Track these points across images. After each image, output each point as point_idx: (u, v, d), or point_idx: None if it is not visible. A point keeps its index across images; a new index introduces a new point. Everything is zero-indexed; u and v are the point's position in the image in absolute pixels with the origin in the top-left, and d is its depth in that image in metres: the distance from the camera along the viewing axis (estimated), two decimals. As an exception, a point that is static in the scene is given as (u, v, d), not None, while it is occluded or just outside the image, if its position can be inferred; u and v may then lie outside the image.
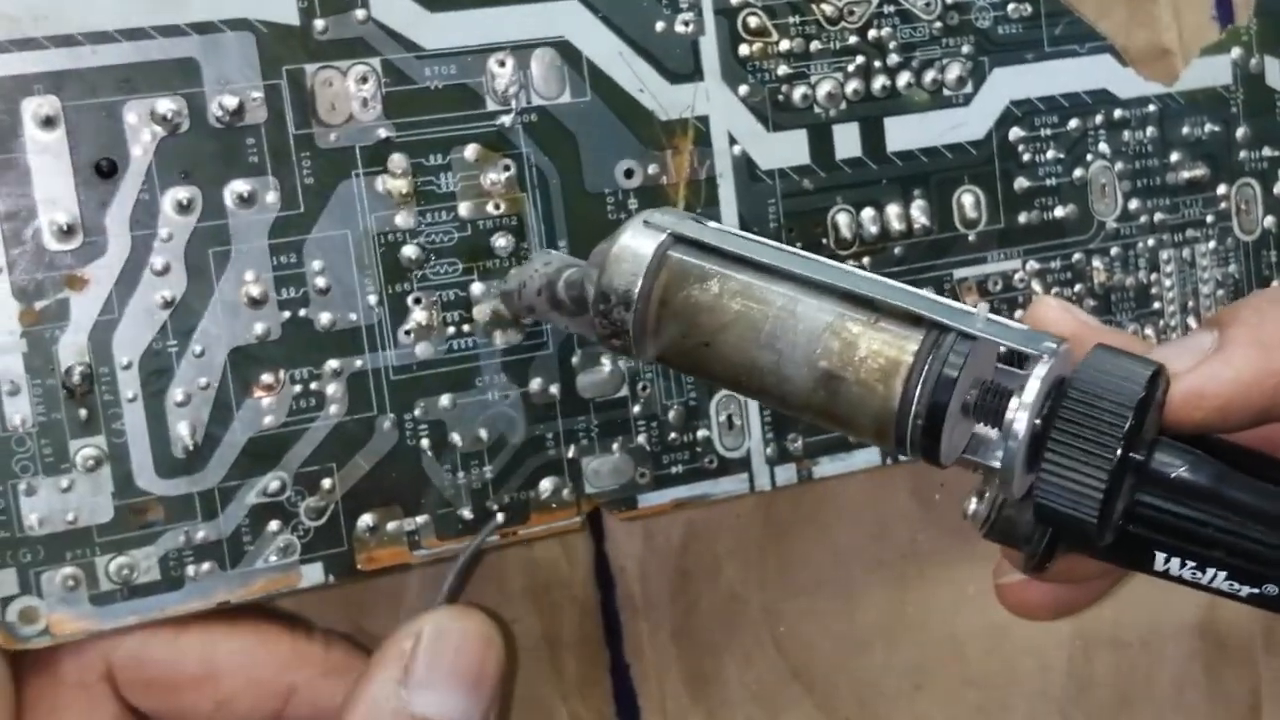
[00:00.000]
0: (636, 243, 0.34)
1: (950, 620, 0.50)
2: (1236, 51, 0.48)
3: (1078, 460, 0.31)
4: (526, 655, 0.45)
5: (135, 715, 0.39)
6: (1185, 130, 0.47)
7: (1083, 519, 0.31)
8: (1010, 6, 0.45)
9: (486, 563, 0.44)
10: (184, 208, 0.37)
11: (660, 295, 0.34)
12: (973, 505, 0.35)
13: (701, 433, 0.43)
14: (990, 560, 0.49)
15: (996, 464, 0.32)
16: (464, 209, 0.40)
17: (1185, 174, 0.47)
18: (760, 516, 0.47)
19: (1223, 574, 0.32)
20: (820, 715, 0.49)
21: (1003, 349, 0.33)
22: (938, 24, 0.44)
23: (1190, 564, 0.32)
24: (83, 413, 0.36)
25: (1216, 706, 0.53)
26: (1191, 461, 0.32)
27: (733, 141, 0.42)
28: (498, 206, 0.40)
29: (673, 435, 0.42)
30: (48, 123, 0.36)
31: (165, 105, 0.37)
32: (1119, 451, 0.30)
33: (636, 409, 0.42)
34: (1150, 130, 0.47)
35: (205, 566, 0.38)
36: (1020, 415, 0.31)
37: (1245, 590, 0.32)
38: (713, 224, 0.35)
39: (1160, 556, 0.33)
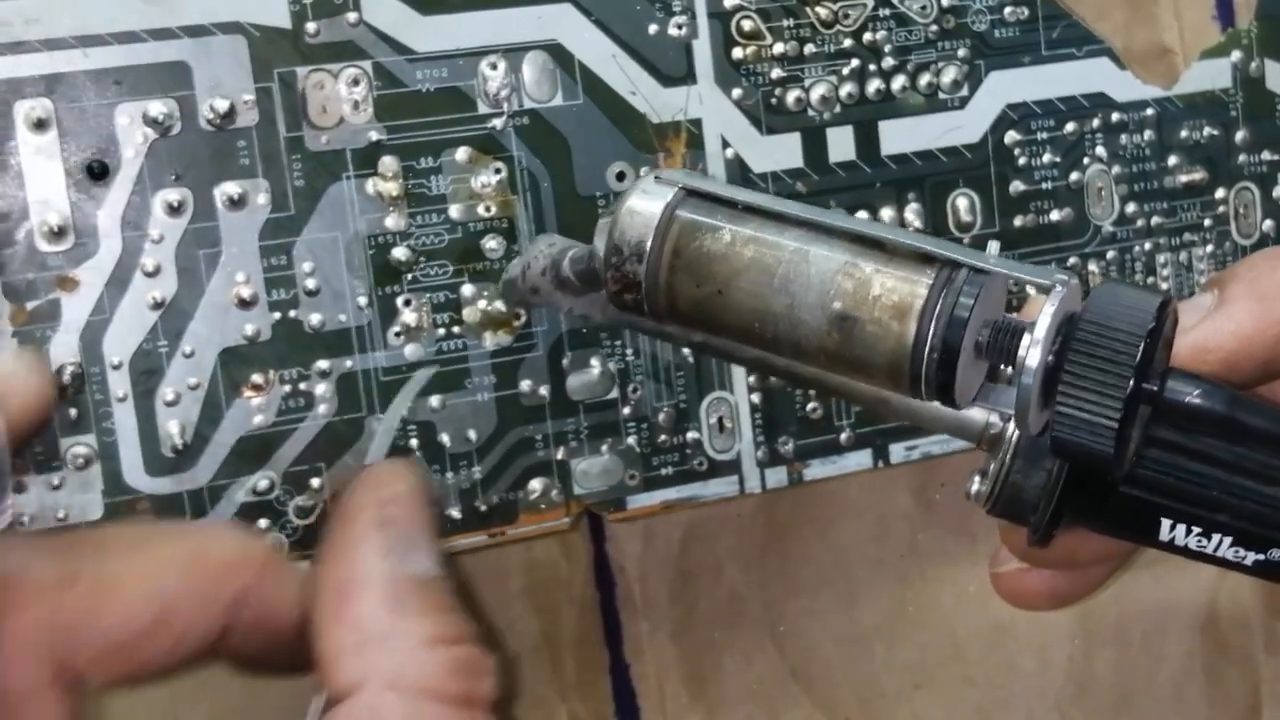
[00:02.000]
0: (648, 197, 0.34)
1: (950, 620, 0.50)
2: (1236, 55, 0.48)
3: (1092, 389, 0.30)
4: (526, 655, 0.45)
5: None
6: (1183, 134, 0.47)
7: (1100, 449, 0.31)
8: (1007, 10, 0.45)
9: (486, 563, 0.44)
10: (175, 209, 0.37)
11: (673, 246, 0.34)
12: (975, 484, 0.35)
13: (692, 435, 0.43)
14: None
15: (1009, 409, 0.32)
16: (455, 211, 0.40)
17: (1183, 178, 0.47)
18: (761, 517, 0.47)
19: (1228, 540, 0.32)
20: (820, 714, 0.49)
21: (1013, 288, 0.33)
22: (933, 27, 0.44)
23: (1196, 530, 0.32)
24: (73, 411, 0.37)
25: (1216, 706, 0.52)
26: (1205, 388, 0.32)
27: (725, 145, 0.42)
28: (489, 209, 0.40)
29: (663, 437, 0.42)
30: (40, 125, 0.36)
31: (157, 108, 0.37)
32: (1133, 379, 0.30)
33: (626, 411, 0.42)
34: (1148, 134, 0.47)
35: (195, 564, 0.38)
36: (1034, 350, 0.31)
37: (1251, 558, 0.32)
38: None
39: (1166, 524, 0.33)
